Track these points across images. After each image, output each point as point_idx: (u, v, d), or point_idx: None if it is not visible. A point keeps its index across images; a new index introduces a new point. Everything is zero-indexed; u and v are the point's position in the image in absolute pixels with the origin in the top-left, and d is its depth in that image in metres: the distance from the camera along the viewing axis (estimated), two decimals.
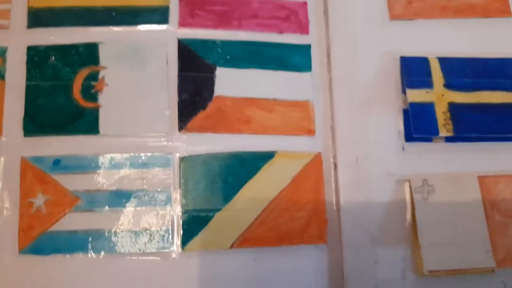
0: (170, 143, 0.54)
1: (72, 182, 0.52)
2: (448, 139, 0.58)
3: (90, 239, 0.51)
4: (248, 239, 0.52)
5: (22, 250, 0.51)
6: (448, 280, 0.53)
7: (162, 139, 0.54)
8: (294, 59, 0.58)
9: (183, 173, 0.53)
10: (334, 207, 0.54)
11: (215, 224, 0.52)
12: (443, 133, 0.56)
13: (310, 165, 0.55)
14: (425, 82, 0.58)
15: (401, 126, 0.57)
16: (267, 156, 0.55)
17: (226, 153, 0.54)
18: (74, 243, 0.51)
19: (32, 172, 0.52)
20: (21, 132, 0.53)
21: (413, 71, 0.58)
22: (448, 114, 0.57)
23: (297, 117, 0.56)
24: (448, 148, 0.57)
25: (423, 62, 0.59)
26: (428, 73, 0.58)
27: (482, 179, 0.56)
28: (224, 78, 0.56)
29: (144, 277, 0.51)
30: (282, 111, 0.56)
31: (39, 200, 0.52)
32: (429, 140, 0.58)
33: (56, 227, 0.51)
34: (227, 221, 0.52)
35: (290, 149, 0.55)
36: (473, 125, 0.57)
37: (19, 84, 0.54)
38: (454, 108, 0.57)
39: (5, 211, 0.52)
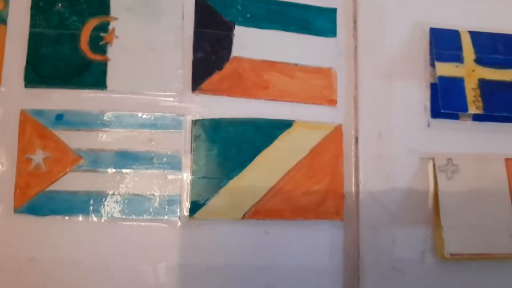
0: (182, 103, 0.51)
1: (74, 139, 0.48)
2: (475, 118, 0.55)
3: (91, 201, 0.48)
4: (260, 211, 0.50)
5: (18, 209, 0.47)
6: (469, 265, 0.51)
7: (174, 99, 0.51)
8: (319, 22, 0.54)
9: (195, 137, 0.50)
10: (353, 183, 0.52)
11: (227, 193, 0.50)
12: (472, 110, 0.53)
13: (329, 137, 0.52)
14: (455, 56, 0.55)
15: (427, 101, 0.54)
16: (284, 125, 0.52)
17: (242, 119, 0.51)
18: (74, 204, 0.48)
19: (32, 126, 0.48)
20: (22, 82, 0.49)
21: (443, 44, 0.55)
22: (478, 91, 0.54)
23: (319, 85, 0.53)
24: (475, 127, 0.55)
25: (454, 35, 0.56)
26: (459, 47, 0.55)
27: (509, 161, 0.53)
28: (243, 37, 0.52)
29: (149, 245, 0.48)
30: (303, 77, 0.53)
31: (38, 156, 0.48)
32: (456, 117, 0.55)
33: (55, 187, 0.48)
34: (240, 191, 0.50)
35: (309, 118, 0.52)
36: (503, 104, 0.54)
37: (22, 30, 0.50)
38: (484, 85, 0.54)
39: (0, 166, 0.48)
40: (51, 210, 0.47)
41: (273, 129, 0.51)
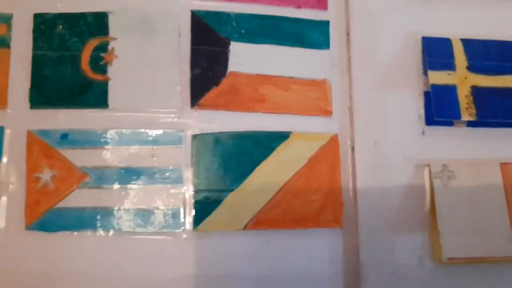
0: (181, 119, 0.55)
1: (80, 158, 0.53)
2: (470, 124, 0.60)
3: (98, 216, 0.53)
4: (261, 221, 0.54)
5: (29, 226, 0.52)
6: (467, 269, 0.55)
7: (174, 115, 0.55)
8: (312, 35, 0.59)
9: (195, 152, 0.55)
10: (351, 191, 0.57)
11: (228, 204, 0.54)
12: (465, 117, 0.58)
13: (326, 147, 0.57)
14: (448, 64, 0.60)
15: (421, 109, 0.58)
16: (282, 137, 0.56)
17: (240, 132, 0.56)
18: (82, 220, 0.52)
19: (38, 146, 0.54)
20: (27, 104, 0.54)
21: (435, 52, 0.60)
22: (470, 98, 0.59)
23: (314, 97, 0.58)
24: (469, 133, 0.59)
25: (445, 43, 0.61)
26: (451, 55, 0.60)
27: (504, 166, 0.58)
28: (239, 53, 0.57)
29: (155, 257, 0.53)
30: (298, 90, 0.58)
31: (46, 175, 0.53)
32: (450, 124, 0.60)
33: (63, 204, 0.53)
34: (240, 202, 0.54)
35: (305, 130, 0.57)
36: (496, 110, 0.59)
37: (25, 53, 0.55)
38: (477, 92, 0.59)
39: (11, 186, 0.53)
40: (61, 226, 0.52)
41: (271, 141, 0.56)
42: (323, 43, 0.59)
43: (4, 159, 0.53)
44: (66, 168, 0.53)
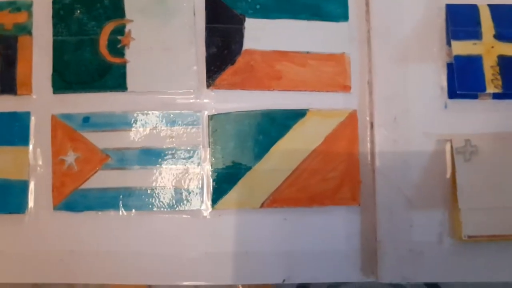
0: (198, 100, 0.53)
1: (101, 140, 0.52)
2: (495, 96, 0.54)
3: (121, 196, 0.52)
4: (278, 199, 0.52)
5: (56, 207, 0.52)
6: (488, 247, 0.51)
7: (190, 96, 0.53)
8: (329, 7, 0.54)
9: (212, 132, 0.53)
10: (369, 168, 0.53)
11: (245, 183, 0.52)
12: (490, 89, 0.52)
13: (344, 123, 0.53)
14: (473, 32, 0.54)
15: (444, 82, 0.53)
16: (298, 114, 0.53)
17: (256, 111, 0.53)
18: (105, 200, 0.52)
19: (62, 129, 0.53)
20: (50, 89, 0.53)
21: (460, 20, 0.54)
22: (497, 69, 0.53)
23: (332, 72, 0.54)
24: (494, 106, 0.54)
25: (471, 10, 0.54)
26: (477, 23, 0.54)
27: None
28: (254, 29, 0.53)
29: (175, 234, 0.52)
30: (316, 65, 0.54)
31: (70, 157, 0.52)
32: (474, 97, 0.54)
33: (87, 185, 0.52)
34: (257, 181, 0.52)
35: (323, 106, 0.53)
36: None
37: (47, 39, 0.53)
38: (504, 62, 0.53)
39: (38, 168, 0.53)
40: (85, 206, 0.52)
41: (287, 119, 0.53)
42: (341, 15, 0.55)
43: (31, 144, 0.53)
44: (89, 150, 0.52)
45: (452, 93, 0.54)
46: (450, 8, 0.55)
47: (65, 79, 0.53)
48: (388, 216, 0.52)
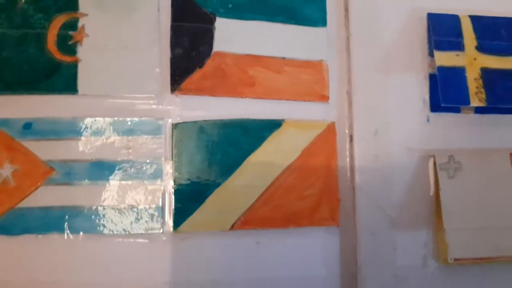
0: (160, 106, 0.47)
1: (45, 150, 0.45)
2: (478, 110, 0.50)
3: (66, 217, 0.44)
4: (250, 220, 0.46)
5: None
6: (475, 269, 0.47)
7: (152, 102, 0.47)
8: (307, 11, 0.50)
9: (176, 142, 0.46)
10: (349, 185, 0.48)
11: (213, 202, 0.46)
12: (475, 102, 0.48)
13: (322, 136, 0.48)
14: (456, 43, 0.50)
15: (426, 94, 0.50)
16: (273, 125, 0.48)
17: (227, 120, 0.47)
18: (48, 221, 0.44)
19: None
20: None
21: (442, 30, 0.50)
22: (480, 81, 0.49)
23: (309, 80, 0.49)
24: (478, 120, 0.50)
25: (453, 21, 0.51)
26: (459, 34, 0.50)
27: None
28: (225, 30, 0.48)
29: (130, 262, 0.44)
30: (292, 72, 0.49)
31: (6, 170, 0.44)
32: (457, 110, 0.50)
33: (26, 203, 0.44)
34: (227, 199, 0.46)
35: (300, 117, 0.48)
36: (508, 95, 0.49)
37: None
38: (488, 75, 0.49)
39: None
40: (23, 229, 0.44)
41: (261, 130, 0.47)
42: (319, 19, 0.50)
43: None
44: (30, 162, 0.44)
45: (435, 106, 0.50)
46: (432, 18, 0.50)
47: (4, 79, 0.45)
48: (370, 237, 0.47)
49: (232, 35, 0.48)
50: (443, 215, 0.46)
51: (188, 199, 0.45)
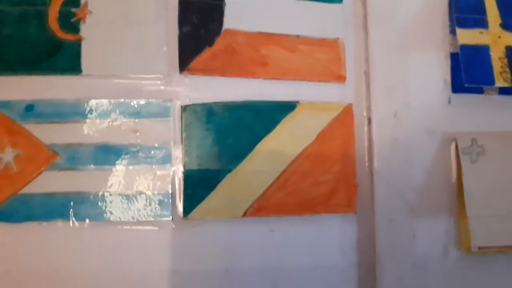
0: (169, 87, 0.44)
1: (48, 133, 0.42)
2: (502, 91, 0.48)
3: (71, 204, 0.42)
4: (263, 207, 0.44)
5: None
6: (500, 258, 0.45)
7: (159, 82, 0.44)
8: None
9: (186, 126, 0.44)
10: (367, 170, 0.46)
11: (225, 188, 0.44)
12: (499, 82, 0.46)
13: (339, 118, 0.46)
14: (479, 20, 0.47)
15: (447, 74, 0.47)
16: (287, 107, 0.45)
17: (238, 102, 0.45)
18: (52, 208, 0.42)
19: None
20: None
21: (465, 7, 0.47)
22: (505, 61, 0.46)
23: (325, 59, 0.47)
24: (502, 102, 0.48)
25: None
26: (483, 10, 0.47)
27: None
28: (236, 6, 0.45)
29: (138, 250, 0.42)
30: (307, 50, 0.46)
31: (7, 155, 0.42)
32: (479, 91, 0.47)
33: (29, 189, 0.42)
34: (239, 185, 0.44)
35: (315, 98, 0.46)
36: None
37: None
38: None
39: None
40: (26, 216, 0.42)
41: (275, 113, 0.45)
42: None
43: None
44: (32, 146, 0.42)
45: (456, 87, 0.47)
46: None
47: (4, 58, 0.43)
48: (388, 225, 0.44)
49: (243, 12, 0.45)
50: (465, 202, 0.44)
51: (199, 185, 0.43)
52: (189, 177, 0.43)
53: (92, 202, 0.42)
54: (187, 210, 0.43)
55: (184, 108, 0.44)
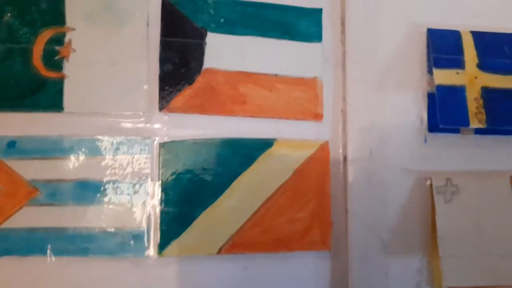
0: (148, 124, 0.45)
1: (29, 169, 0.43)
2: (478, 131, 0.48)
3: (50, 239, 0.42)
4: (238, 244, 0.44)
5: None
6: None
7: (139, 120, 0.45)
8: (302, 25, 0.47)
9: (163, 162, 0.44)
10: (342, 208, 0.46)
11: (201, 224, 0.44)
12: (474, 124, 0.46)
13: (315, 156, 0.46)
14: (456, 61, 0.47)
15: (424, 113, 0.48)
16: (265, 144, 0.46)
17: (216, 139, 0.45)
18: (31, 243, 0.42)
19: None
20: None
21: (443, 47, 0.47)
22: (480, 101, 0.46)
23: (302, 98, 0.47)
24: (477, 142, 0.48)
25: (454, 37, 0.48)
26: (460, 51, 0.48)
27: None
28: (216, 46, 0.46)
29: (114, 286, 0.42)
30: (285, 89, 0.47)
31: None
32: (456, 131, 0.48)
33: (9, 224, 0.42)
34: (215, 222, 0.44)
35: (292, 136, 0.46)
36: (509, 116, 0.46)
37: None
38: (488, 94, 0.46)
39: None
40: (5, 250, 0.42)
41: (252, 150, 0.45)
42: (314, 34, 0.48)
43: None
44: (13, 182, 0.42)
45: (433, 126, 0.47)
46: (432, 33, 0.48)
47: None
48: (362, 262, 0.44)
49: (223, 51, 0.45)
50: (438, 241, 0.44)
51: (174, 221, 0.43)
52: (165, 213, 0.43)
53: (70, 238, 0.42)
54: (162, 246, 0.42)
55: (162, 145, 0.44)
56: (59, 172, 0.43)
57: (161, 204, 0.43)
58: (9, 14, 0.44)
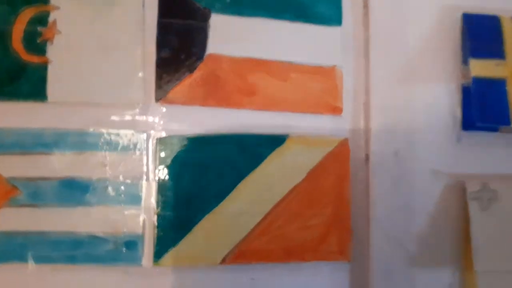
0: (143, 117, 0.42)
1: (8, 166, 0.40)
2: None
3: (31, 244, 0.40)
4: (245, 253, 0.42)
5: None
6: None
7: (133, 112, 0.42)
8: (320, 7, 0.45)
9: (160, 160, 0.42)
10: (363, 214, 0.43)
11: (202, 231, 0.41)
12: None
13: (333, 155, 0.43)
14: (495, 50, 0.44)
15: (457, 109, 0.45)
16: (275, 141, 0.43)
17: (221, 135, 0.43)
18: (9, 249, 0.40)
19: None
20: None
21: (480, 34, 0.45)
22: None
23: (319, 89, 0.44)
24: None
25: (493, 23, 0.45)
26: (500, 39, 0.45)
27: None
28: (222, 29, 0.43)
29: None
30: (300, 79, 0.44)
31: None
32: (494, 129, 0.45)
33: None
34: (218, 228, 0.41)
35: (307, 132, 0.44)
36: None
37: None
38: None
39: None
40: None
41: (261, 147, 0.43)
42: (333, 17, 0.45)
43: None
44: None
45: (467, 124, 0.44)
46: (468, 19, 0.45)
47: None
48: (385, 276, 0.42)
49: (229, 35, 0.43)
50: (473, 254, 0.41)
51: (172, 227, 0.41)
52: (162, 217, 0.41)
53: (53, 243, 0.40)
54: (159, 254, 0.40)
55: (159, 141, 0.42)
56: (42, 169, 0.40)
57: (157, 207, 0.41)
58: None
